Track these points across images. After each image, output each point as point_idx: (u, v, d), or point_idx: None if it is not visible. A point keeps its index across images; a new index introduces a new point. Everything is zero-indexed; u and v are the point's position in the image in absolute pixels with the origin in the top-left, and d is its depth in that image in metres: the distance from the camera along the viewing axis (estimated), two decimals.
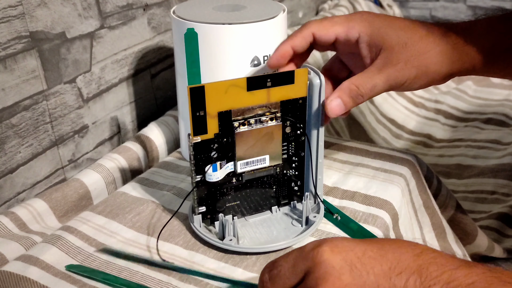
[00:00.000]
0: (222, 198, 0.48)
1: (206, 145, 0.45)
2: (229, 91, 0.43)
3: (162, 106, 0.76)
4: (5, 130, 0.53)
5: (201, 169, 0.46)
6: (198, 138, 0.44)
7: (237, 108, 0.44)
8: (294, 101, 0.46)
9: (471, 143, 0.80)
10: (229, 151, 0.46)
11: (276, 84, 0.45)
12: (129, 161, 0.62)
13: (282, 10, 0.58)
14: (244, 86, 0.44)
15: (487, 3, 1.28)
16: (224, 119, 0.44)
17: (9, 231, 0.50)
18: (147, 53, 0.71)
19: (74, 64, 0.60)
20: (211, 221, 0.49)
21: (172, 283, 0.44)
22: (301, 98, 0.46)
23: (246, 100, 0.44)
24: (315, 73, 0.46)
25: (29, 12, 0.53)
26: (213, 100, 0.43)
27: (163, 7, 0.72)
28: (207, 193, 0.47)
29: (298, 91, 0.46)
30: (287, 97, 0.46)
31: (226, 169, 0.47)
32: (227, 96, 0.43)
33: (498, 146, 0.79)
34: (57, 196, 0.54)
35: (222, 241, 0.46)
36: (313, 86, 0.46)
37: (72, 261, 0.46)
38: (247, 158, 0.47)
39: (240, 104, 0.44)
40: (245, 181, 0.48)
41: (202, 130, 0.44)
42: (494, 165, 0.73)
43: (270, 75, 0.44)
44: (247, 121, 0.45)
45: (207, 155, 0.45)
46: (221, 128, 0.45)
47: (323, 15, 1.04)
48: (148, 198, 0.55)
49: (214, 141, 0.45)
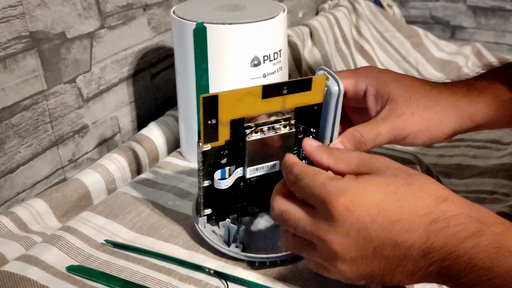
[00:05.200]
0: (229, 200, 0.47)
1: (216, 152, 0.43)
2: (243, 99, 0.41)
3: (162, 106, 0.76)
4: (5, 130, 0.53)
5: (210, 174, 0.44)
6: (208, 145, 0.42)
7: (250, 116, 0.43)
8: (309, 107, 0.44)
9: (471, 143, 0.79)
10: (239, 157, 0.45)
11: (293, 92, 0.43)
12: (129, 161, 0.62)
13: (282, 10, 0.58)
14: (259, 94, 0.41)
15: (487, 3, 1.28)
16: (236, 127, 0.43)
17: (9, 231, 0.50)
18: (147, 53, 0.71)
19: (74, 64, 0.60)
20: (216, 221, 0.48)
21: (172, 283, 0.44)
22: (316, 105, 0.45)
23: (260, 107, 0.42)
24: (333, 79, 0.44)
25: (29, 12, 0.53)
26: (226, 109, 0.41)
27: (163, 7, 0.72)
28: (214, 196, 0.46)
29: (314, 98, 0.44)
30: (303, 103, 0.44)
31: (235, 175, 0.45)
32: (241, 105, 0.41)
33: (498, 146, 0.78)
34: (57, 196, 0.54)
35: (228, 248, 0.46)
36: (331, 94, 0.44)
37: (72, 261, 0.46)
38: (257, 164, 0.45)
39: (254, 111, 0.42)
40: (253, 183, 0.47)
41: (213, 138, 0.42)
42: (494, 165, 0.73)
43: (287, 83, 0.42)
44: (259, 128, 0.44)
45: (216, 161, 0.44)
46: (232, 135, 0.43)
47: (323, 15, 1.04)
48: (148, 198, 0.55)
49: (224, 147, 0.43)
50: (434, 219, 0.35)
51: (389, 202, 0.36)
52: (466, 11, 1.32)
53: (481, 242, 0.34)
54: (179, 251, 0.48)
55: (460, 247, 0.34)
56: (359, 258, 0.36)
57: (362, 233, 0.36)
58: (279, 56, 0.58)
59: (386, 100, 0.49)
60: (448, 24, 1.35)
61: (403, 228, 0.35)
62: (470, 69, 1.03)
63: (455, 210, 0.36)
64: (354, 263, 0.37)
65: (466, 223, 0.35)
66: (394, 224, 0.35)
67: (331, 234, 0.36)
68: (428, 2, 1.35)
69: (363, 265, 0.37)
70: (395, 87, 0.49)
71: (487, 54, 1.08)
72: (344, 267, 0.37)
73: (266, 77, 0.58)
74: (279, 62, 0.59)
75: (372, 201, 0.36)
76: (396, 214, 0.35)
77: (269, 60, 0.57)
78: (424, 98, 0.49)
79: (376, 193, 0.36)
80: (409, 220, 0.35)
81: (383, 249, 0.36)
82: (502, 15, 1.28)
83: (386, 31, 1.11)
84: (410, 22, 1.32)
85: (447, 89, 0.51)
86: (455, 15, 1.33)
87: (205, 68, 0.42)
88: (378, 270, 0.37)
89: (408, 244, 0.35)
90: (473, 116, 0.50)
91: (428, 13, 1.36)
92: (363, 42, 1.07)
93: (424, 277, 0.36)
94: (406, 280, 0.37)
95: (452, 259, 0.34)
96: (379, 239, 0.36)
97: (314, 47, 0.98)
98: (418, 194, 0.36)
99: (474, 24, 1.32)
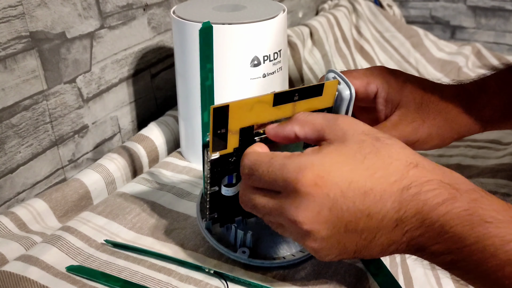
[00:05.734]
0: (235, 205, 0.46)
1: (225, 159, 0.42)
2: (254, 108, 0.40)
3: (162, 106, 0.76)
4: (5, 130, 0.53)
5: (217, 181, 0.44)
6: (217, 154, 0.41)
7: (260, 123, 0.42)
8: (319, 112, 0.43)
9: (471, 143, 0.79)
10: None
11: (304, 97, 0.42)
12: (129, 161, 0.62)
13: (282, 10, 0.58)
14: (270, 102, 0.40)
15: (487, 3, 1.28)
16: (245, 134, 0.42)
17: (9, 231, 0.50)
18: (147, 53, 0.71)
19: (74, 64, 0.60)
20: (220, 225, 0.47)
21: (172, 283, 0.44)
22: (326, 109, 0.44)
23: (271, 114, 0.41)
24: (345, 83, 0.43)
25: (29, 12, 0.53)
26: (236, 118, 0.40)
27: (163, 7, 0.72)
28: (220, 202, 0.45)
29: (324, 102, 0.43)
30: (313, 108, 0.43)
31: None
32: (251, 113, 0.41)
33: (498, 146, 0.78)
34: (57, 196, 0.54)
35: (235, 254, 0.45)
36: (342, 99, 0.43)
37: (72, 261, 0.46)
38: None
39: (264, 119, 0.41)
40: None
41: (222, 146, 0.41)
42: (494, 165, 0.73)
43: (298, 89, 0.41)
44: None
45: (224, 168, 0.43)
46: (241, 143, 0.42)
47: (323, 15, 1.04)
48: (148, 198, 0.55)
49: (233, 154, 0.42)
50: (405, 185, 0.34)
51: (358, 171, 0.34)
52: (466, 11, 1.32)
53: (454, 209, 0.33)
54: (179, 251, 0.48)
55: (433, 214, 0.33)
56: (332, 236, 0.35)
57: (333, 210, 0.34)
58: (279, 56, 0.58)
59: (397, 105, 0.48)
60: (448, 24, 1.35)
61: (375, 198, 0.34)
62: (470, 69, 1.03)
63: (427, 175, 0.34)
64: (327, 241, 0.35)
65: (439, 189, 0.34)
66: (365, 196, 0.34)
67: (301, 214, 0.35)
68: (428, 2, 1.35)
69: (336, 242, 0.36)
70: (407, 92, 0.48)
71: (487, 54, 1.08)
72: (316, 245, 0.36)
73: (266, 77, 0.58)
74: (279, 62, 0.59)
75: (340, 174, 0.34)
76: (367, 184, 0.34)
77: (269, 60, 0.57)
78: (435, 104, 0.48)
79: (343, 164, 0.35)
80: (380, 189, 0.34)
81: (356, 224, 0.34)
82: (502, 15, 1.28)
83: (386, 31, 1.11)
84: (410, 22, 1.32)
85: (458, 94, 0.50)
86: (455, 15, 1.33)
87: (211, 68, 0.41)
88: (351, 246, 0.36)
89: (380, 215, 0.34)
90: (483, 120, 0.50)
91: (428, 13, 1.36)
92: (363, 42, 1.07)
93: (397, 250, 0.36)
94: (380, 254, 0.37)
95: (424, 227, 0.34)
96: (351, 214, 0.34)
97: (314, 47, 0.98)
98: (387, 160, 0.35)
99: (474, 24, 1.32)
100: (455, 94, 0.50)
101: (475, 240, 0.32)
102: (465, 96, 0.50)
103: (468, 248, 0.33)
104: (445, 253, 0.34)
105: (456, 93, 0.50)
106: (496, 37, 1.31)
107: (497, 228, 0.32)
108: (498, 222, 0.33)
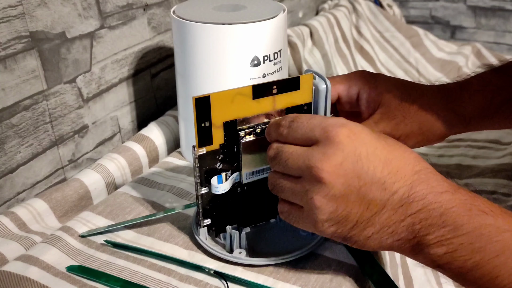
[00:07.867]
0: (227, 209, 0.47)
1: (212, 156, 0.44)
2: (235, 100, 0.42)
3: (162, 106, 0.76)
4: (5, 130, 0.53)
5: (207, 181, 0.45)
6: (203, 149, 0.43)
7: (243, 117, 0.43)
8: (299, 108, 0.45)
9: (471, 143, 0.79)
10: (235, 162, 0.45)
11: (282, 91, 0.44)
12: (129, 161, 0.62)
13: (282, 10, 0.58)
14: (249, 94, 0.42)
15: (487, 3, 1.28)
16: (229, 129, 0.43)
17: (9, 231, 0.50)
18: (147, 53, 0.71)
19: (74, 64, 0.60)
20: (216, 234, 0.48)
21: (172, 283, 0.44)
22: (306, 104, 0.45)
23: (252, 108, 0.43)
24: (320, 78, 0.45)
25: (29, 12, 0.53)
26: (218, 110, 0.42)
27: (163, 7, 0.72)
28: (212, 205, 0.46)
29: (303, 97, 0.45)
30: (293, 103, 0.45)
31: (232, 180, 0.45)
32: (233, 106, 0.42)
33: (498, 146, 0.78)
34: (57, 196, 0.54)
35: (232, 254, 0.46)
36: (319, 92, 0.45)
37: (72, 261, 0.46)
38: (252, 168, 0.46)
39: (246, 113, 0.43)
40: (250, 190, 0.47)
41: (208, 141, 0.43)
42: (494, 165, 0.73)
43: (276, 82, 0.43)
44: (252, 129, 0.44)
45: (212, 167, 0.44)
46: (226, 138, 0.43)
47: (323, 15, 1.04)
48: (148, 198, 0.55)
49: (219, 151, 0.44)
50: (418, 170, 0.37)
51: (381, 143, 0.38)
52: (466, 11, 1.32)
53: (456, 197, 0.36)
54: (179, 251, 0.48)
55: (438, 199, 0.36)
56: (342, 197, 0.37)
57: (355, 167, 0.36)
58: (279, 56, 0.58)
59: (378, 104, 0.50)
60: (448, 24, 1.35)
61: (393, 170, 0.37)
62: (470, 69, 1.03)
63: (433, 171, 0.38)
64: (335, 201, 0.37)
65: (444, 182, 0.37)
66: (385, 164, 0.37)
67: (325, 161, 0.37)
68: (428, 2, 1.35)
69: (343, 205, 0.37)
70: (387, 91, 0.50)
71: (487, 54, 1.08)
72: (323, 202, 0.37)
73: (266, 77, 0.58)
74: (279, 62, 0.59)
75: (370, 139, 0.38)
76: (388, 156, 0.37)
77: (269, 60, 0.57)
78: (415, 102, 0.50)
79: (372, 135, 0.38)
80: (398, 164, 0.37)
81: (369, 190, 0.36)
82: (502, 15, 1.28)
83: (386, 31, 1.12)
84: (410, 22, 1.32)
85: (439, 91, 0.52)
86: (455, 15, 1.33)
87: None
88: (354, 216, 0.37)
89: (393, 189, 0.36)
90: (465, 119, 0.51)
91: (428, 13, 1.36)
92: (363, 42, 1.07)
93: (392, 234, 0.37)
94: (374, 236, 0.38)
95: (427, 211, 0.36)
96: (369, 177, 0.36)
97: (314, 47, 0.98)
98: (403, 148, 0.39)
99: (474, 24, 1.32)
100: (436, 91, 0.51)
101: (472, 229, 0.35)
102: (446, 94, 0.51)
103: (465, 236, 0.35)
104: (439, 241, 0.36)
105: (437, 91, 0.51)
106: (496, 37, 1.31)
107: (494, 219, 0.35)
108: (494, 214, 0.35)
